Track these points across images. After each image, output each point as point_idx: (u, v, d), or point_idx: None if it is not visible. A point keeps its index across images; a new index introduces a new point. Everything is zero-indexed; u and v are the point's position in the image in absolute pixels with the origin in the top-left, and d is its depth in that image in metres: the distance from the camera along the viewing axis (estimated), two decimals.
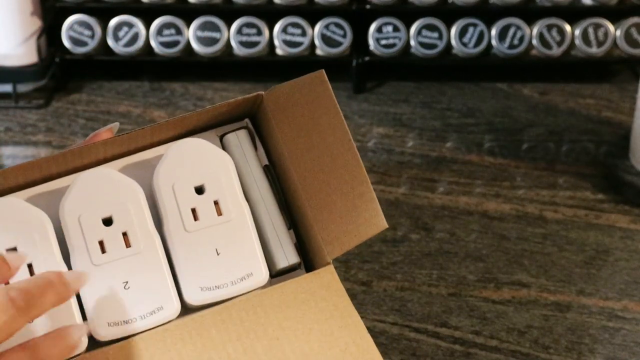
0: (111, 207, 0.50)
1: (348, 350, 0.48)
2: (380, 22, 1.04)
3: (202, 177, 0.51)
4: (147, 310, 0.49)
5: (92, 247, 0.49)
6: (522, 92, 1.05)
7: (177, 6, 1.04)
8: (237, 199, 0.52)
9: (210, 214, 0.51)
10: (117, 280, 0.49)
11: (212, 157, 0.52)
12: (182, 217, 0.51)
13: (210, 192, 0.51)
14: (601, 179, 0.88)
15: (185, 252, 0.50)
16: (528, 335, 0.68)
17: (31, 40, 1.01)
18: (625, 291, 0.73)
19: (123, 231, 0.50)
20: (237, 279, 0.51)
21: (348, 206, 0.51)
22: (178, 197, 0.51)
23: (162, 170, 0.51)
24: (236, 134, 0.54)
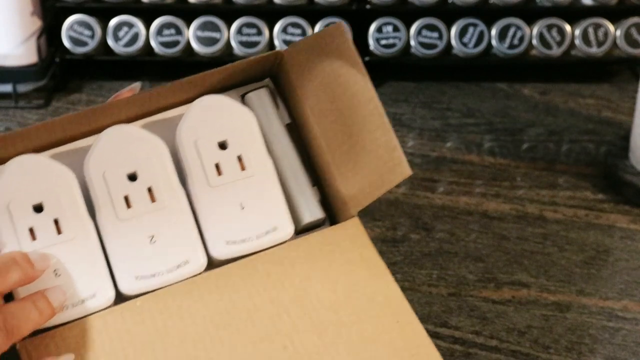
0: (135, 163, 0.50)
1: (375, 299, 0.47)
2: (380, 22, 1.04)
3: (225, 132, 0.52)
4: (173, 264, 0.50)
5: (118, 203, 0.49)
6: (522, 92, 1.05)
7: (177, 6, 1.04)
8: (260, 154, 0.52)
9: (234, 169, 0.51)
10: (143, 234, 0.50)
11: (234, 113, 0.52)
12: (206, 172, 0.51)
13: (233, 147, 0.52)
14: (601, 179, 0.88)
15: (210, 207, 0.51)
16: (528, 335, 0.68)
17: (31, 40, 1.01)
18: (625, 291, 0.73)
19: (148, 186, 0.50)
20: (262, 232, 0.51)
21: (371, 157, 0.51)
22: (201, 153, 0.51)
23: (185, 126, 0.51)
24: (257, 92, 0.55)
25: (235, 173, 0.51)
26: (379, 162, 0.50)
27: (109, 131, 0.51)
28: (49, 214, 0.49)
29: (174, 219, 0.50)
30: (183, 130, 0.52)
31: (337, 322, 0.46)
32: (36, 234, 0.48)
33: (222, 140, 0.52)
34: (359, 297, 0.47)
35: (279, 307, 0.47)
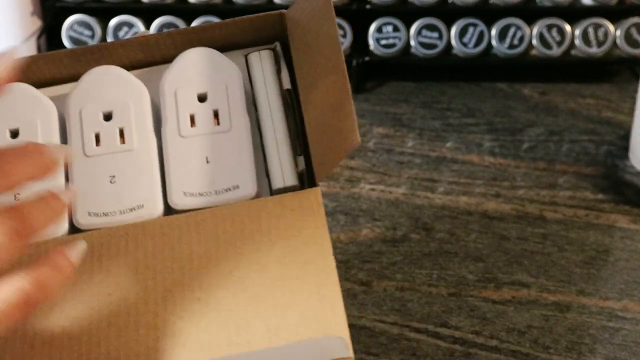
0: (114, 103, 0.52)
1: (306, 267, 0.47)
2: (380, 22, 1.04)
3: (206, 85, 0.52)
4: (128, 206, 0.50)
5: (88, 138, 0.51)
6: (522, 92, 1.05)
7: (177, 6, 1.04)
8: (238, 111, 0.52)
9: (208, 122, 0.52)
10: (105, 173, 0.51)
11: (219, 67, 0.53)
12: (180, 121, 0.52)
13: (212, 101, 0.52)
14: (601, 179, 0.88)
15: (177, 157, 0.51)
16: (528, 335, 0.68)
17: (31, 40, 1.01)
18: (625, 291, 0.73)
19: (120, 127, 0.51)
20: (222, 189, 0.51)
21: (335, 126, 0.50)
22: (179, 102, 0.52)
23: (169, 75, 0.52)
24: (258, 53, 0.54)
25: (209, 126, 0.52)
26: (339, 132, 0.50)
27: (95, 70, 0.53)
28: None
29: (138, 163, 0.51)
30: (167, 78, 0.53)
31: (259, 284, 0.46)
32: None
33: (203, 93, 0.52)
34: (289, 263, 0.47)
35: (208, 261, 0.47)
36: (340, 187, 0.86)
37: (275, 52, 0.55)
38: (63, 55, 0.53)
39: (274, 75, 0.54)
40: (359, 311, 0.71)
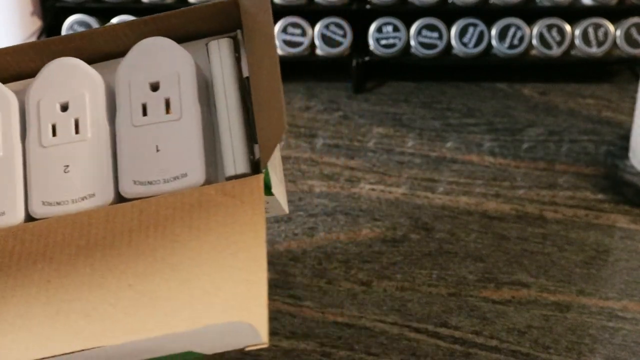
0: (70, 94, 0.53)
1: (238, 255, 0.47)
2: (380, 22, 1.04)
3: (159, 74, 0.53)
4: (80, 195, 0.52)
5: (45, 129, 0.52)
6: (522, 92, 1.05)
7: (177, 6, 1.04)
8: (189, 100, 0.52)
9: (159, 111, 0.52)
10: (60, 163, 0.52)
11: (172, 56, 0.53)
12: (132, 110, 0.52)
13: (164, 89, 0.53)
14: (601, 179, 0.88)
15: (128, 146, 0.52)
16: (528, 335, 0.68)
17: (31, 40, 1.01)
18: (626, 291, 0.73)
19: (76, 118, 0.52)
20: (170, 177, 0.51)
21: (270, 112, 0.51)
22: (132, 91, 0.53)
23: (124, 64, 0.53)
24: (217, 41, 0.55)
25: (160, 115, 0.52)
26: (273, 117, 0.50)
27: (54, 62, 0.54)
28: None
29: (91, 152, 0.52)
30: (121, 68, 0.53)
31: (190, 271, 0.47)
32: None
33: (155, 82, 0.53)
34: (221, 250, 0.47)
35: (145, 248, 0.48)
36: (340, 187, 0.87)
37: (235, 40, 0.55)
38: (28, 48, 0.54)
39: (232, 63, 0.54)
40: (359, 311, 0.71)
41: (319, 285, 0.73)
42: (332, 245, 0.78)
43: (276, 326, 0.69)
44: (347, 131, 0.97)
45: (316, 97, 1.03)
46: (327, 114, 1.00)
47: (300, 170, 0.89)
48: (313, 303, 0.72)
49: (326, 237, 0.79)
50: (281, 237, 0.79)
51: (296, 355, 0.66)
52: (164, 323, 0.45)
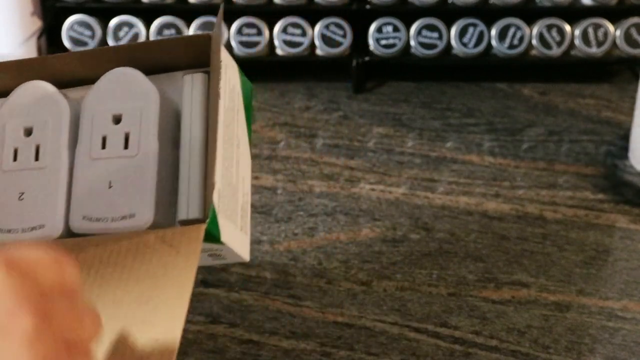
0: (34, 119, 0.51)
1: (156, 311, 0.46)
2: (380, 22, 1.04)
3: (123, 107, 0.51)
4: (29, 224, 0.50)
5: (6, 154, 0.51)
6: (522, 92, 1.05)
7: (177, 6, 1.04)
8: (148, 136, 0.51)
9: (118, 145, 0.51)
10: (15, 190, 0.50)
11: (138, 90, 0.52)
12: (92, 142, 0.51)
13: (125, 123, 0.51)
14: (601, 179, 0.88)
15: (83, 179, 0.51)
16: (528, 335, 0.68)
17: (31, 40, 1.01)
18: (625, 291, 0.73)
19: (37, 144, 0.51)
20: (118, 216, 0.50)
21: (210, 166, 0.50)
22: (94, 123, 0.51)
23: (91, 93, 0.52)
24: (193, 75, 0.53)
25: (118, 150, 0.51)
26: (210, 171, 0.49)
27: (24, 85, 0.52)
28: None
29: (47, 182, 0.51)
30: (88, 97, 0.52)
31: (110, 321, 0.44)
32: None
33: (118, 114, 0.51)
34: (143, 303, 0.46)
35: None
36: (340, 187, 0.87)
37: None
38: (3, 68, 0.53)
39: (202, 99, 0.53)
40: (359, 311, 0.71)
41: (319, 285, 0.73)
42: (332, 245, 0.78)
43: (276, 326, 0.69)
44: (347, 131, 0.97)
45: (316, 97, 1.03)
46: (327, 114, 1.00)
47: (300, 170, 0.89)
48: (313, 303, 0.72)
49: (326, 237, 0.79)
50: (281, 237, 0.79)
51: (296, 355, 0.66)
52: None
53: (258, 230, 0.80)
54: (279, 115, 0.99)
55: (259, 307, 0.71)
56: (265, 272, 0.75)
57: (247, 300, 0.72)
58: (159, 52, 0.53)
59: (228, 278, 0.74)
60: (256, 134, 0.95)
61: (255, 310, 0.71)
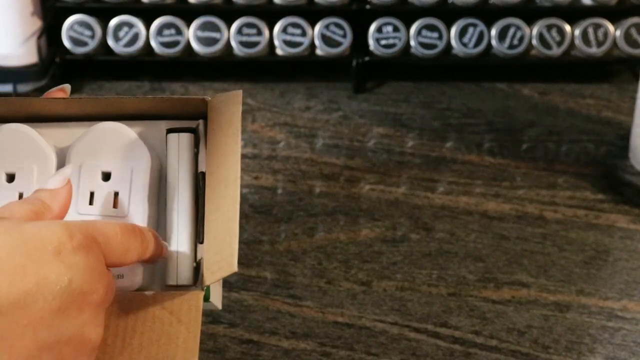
0: (19, 165, 0.50)
1: None
2: (380, 22, 1.04)
3: (113, 164, 0.50)
4: None
5: None
6: (522, 92, 1.05)
7: (177, 6, 1.04)
8: (139, 197, 0.50)
9: (106, 204, 0.50)
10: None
11: (130, 149, 0.51)
12: (79, 197, 0.50)
13: (115, 182, 0.50)
14: (601, 179, 0.88)
15: None
16: (528, 335, 0.68)
17: (31, 40, 1.01)
18: (625, 291, 0.73)
19: (20, 192, 0.49)
20: None
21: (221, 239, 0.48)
22: (82, 177, 0.50)
23: (79, 145, 0.51)
24: (179, 135, 0.52)
25: (106, 209, 0.49)
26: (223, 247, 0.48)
27: (6, 127, 0.51)
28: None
29: None
30: (75, 148, 0.51)
31: None
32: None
33: (107, 171, 0.50)
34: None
35: None
36: (340, 187, 0.87)
37: (196, 133, 0.52)
38: None
39: (191, 158, 0.52)
40: (359, 311, 0.71)
41: (319, 285, 0.73)
42: (332, 245, 0.78)
43: (276, 326, 0.69)
44: (347, 131, 0.97)
45: (316, 97, 1.03)
46: (327, 114, 1.00)
47: (300, 170, 0.89)
48: (313, 303, 0.72)
49: (326, 237, 0.79)
50: (281, 237, 0.79)
51: (296, 355, 0.66)
52: None
53: (258, 230, 0.80)
54: (279, 115, 0.99)
55: (259, 307, 0.71)
56: (265, 272, 0.75)
57: (247, 300, 0.72)
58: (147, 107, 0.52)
59: (228, 278, 0.74)
60: (256, 134, 0.95)
61: (255, 310, 0.71)
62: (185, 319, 0.47)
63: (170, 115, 0.53)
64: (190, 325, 0.47)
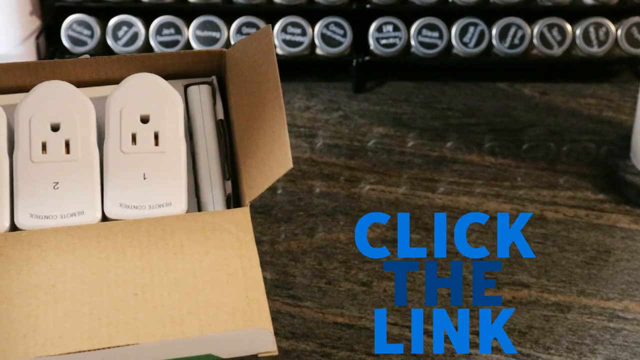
0: (61, 115, 0.55)
1: (235, 275, 0.50)
2: (381, 21, 1.04)
3: (149, 108, 0.56)
4: (69, 211, 0.54)
5: (35, 146, 0.55)
6: (523, 91, 1.05)
7: (177, 6, 1.03)
8: (176, 135, 0.56)
9: (148, 142, 0.56)
10: (49, 179, 0.54)
11: (163, 94, 0.57)
12: (122, 138, 0.56)
13: (154, 123, 0.56)
14: (602, 179, 0.87)
15: (116, 170, 0.55)
16: (529, 336, 0.68)
17: (30, 39, 1.01)
18: (626, 291, 0.73)
19: (66, 139, 0.55)
20: (155, 204, 0.55)
21: (267, 150, 0.55)
22: (123, 121, 0.56)
23: (116, 94, 0.56)
24: (199, 87, 0.59)
25: (149, 146, 0.56)
26: (271, 155, 0.55)
27: (46, 83, 0.56)
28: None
29: (81, 173, 0.55)
30: (113, 97, 0.56)
31: (192, 285, 0.50)
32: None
33: (145, 115, 0.56)
34: (220, 269, 0.51)
35: (145, 262, 0.51)
36: (340, 187, 0.86)
37: (212, 86, 0.60)
38: (16, 67, 0.57)
39: (211, 107, 0.59)
40: (359, 311, 0.70)
41: (319, 286, 0.73)
42: (332, 246, 0.78)
43: (276, 326, 0.69)
44: (347, 131, 0.96)
45: (316, 97, 1.03)
46: (327, 114, 1.00)
47: (300, 170, 0.89)
48: (313, 303, 0.71)
49: (326, 237, 0.79)
50: (281, 237, 0.79)
51: (296, 356, 0.66)
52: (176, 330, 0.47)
53: (258, 230, 0.80)
54: None
55: None
56: (265, 272, 0.75)
57: None
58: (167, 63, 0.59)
59: None
60: None
61: None
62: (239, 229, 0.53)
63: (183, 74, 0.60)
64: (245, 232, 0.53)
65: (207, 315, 0.48)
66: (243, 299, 0.49)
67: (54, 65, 0.57)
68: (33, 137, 0.55)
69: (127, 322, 0.48)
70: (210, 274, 0.51)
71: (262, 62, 0.56)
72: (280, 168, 0.53)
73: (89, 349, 0.46)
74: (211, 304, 0.49)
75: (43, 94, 0.56)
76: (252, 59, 0.57)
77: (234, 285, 0.50)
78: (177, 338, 0.47)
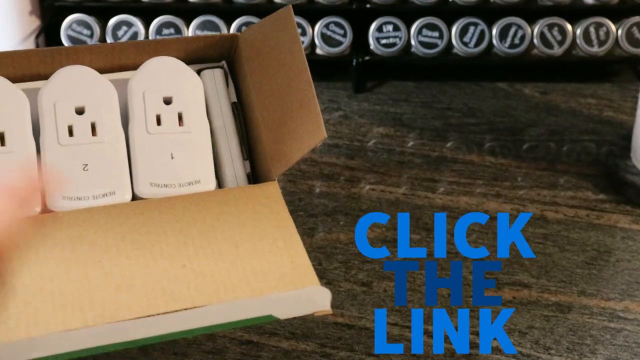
0: (85, 99, 0.57)
1: (275, 243, 0.52)
2: (381, 21, 1.04)
3: (172, 90, 0.58)
4: (100, 192, 0.55)
5: (62, 129, 0.56)
6: (523, 91, 1.05)
7: (177, 5, 1.03)
8: (199, 116, 0.58)
9: (173, 123, 0.57)
10: (78, 161, 0.56)
11: (184, 76, 0.59)
12: (147, 119, 0.57)
13: (177, 104, 0.58)
14: (603, 179, 0.87)
15: (144, 150, 0.57)
16: (529, 336, 0.68)
17: (30, 39, 1.01)
18: (627, 292, 0.72)
19: (92, 121, 0.56)
20: (185, 182, 0.57)
21: (296, 123, 0.56)
22: (147, 103, 0.57)
23: (138, 77, 0.58)
24: (212, 71, 0.61)
25: (173, 126, 0.57)
26: (300, 128, 0.56)
27: (67, 68, 0.57)
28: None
29: (109, 154, 0.56)
30: (135, 80, 0.58)
31: (236, 255, 0.51)
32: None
33: (168, 97, 0.58)
34: (261, 239, 0.52)
35: (186, 236, 0.52)
36: (340, 187, 0.86)
37: (224, 70, 0.61)
38: (32, 54, 0.58)
39: (225, 90, 0.61)
40: (359, 311, 0.70)
41: None
42: (332, 245, 0.78)
43: (276, 327, 0.69)
44: (347, 131, 0.96)
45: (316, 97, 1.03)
46: (327, 114, 1.00)
47: (300, 170, 0.89)
48: None
49: (326, 237, 0.79)
50: None
51: (296, 356, 0.66)
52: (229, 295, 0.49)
53: None
54: None
55: None
56: None
57: None
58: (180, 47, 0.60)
59: None
60: None
61: None
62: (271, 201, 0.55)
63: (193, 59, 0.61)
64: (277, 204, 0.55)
65: (257, 281, 0.49)
66: (288, 264, 0.50)
67: (70, 51, 0.58)
68: (59, 120, 0.56)
69: (181, 290, 0.49)
70: (252, 243, 0.52)
71: (285, 40, 0.57)
72: (312, 139, 0.55)
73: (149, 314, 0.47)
74: (258, 271, 0.50)
75: (65, 78, 0.57)
76: (274, 39, 0.58)
77: (276, 254, 0.51)
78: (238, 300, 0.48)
